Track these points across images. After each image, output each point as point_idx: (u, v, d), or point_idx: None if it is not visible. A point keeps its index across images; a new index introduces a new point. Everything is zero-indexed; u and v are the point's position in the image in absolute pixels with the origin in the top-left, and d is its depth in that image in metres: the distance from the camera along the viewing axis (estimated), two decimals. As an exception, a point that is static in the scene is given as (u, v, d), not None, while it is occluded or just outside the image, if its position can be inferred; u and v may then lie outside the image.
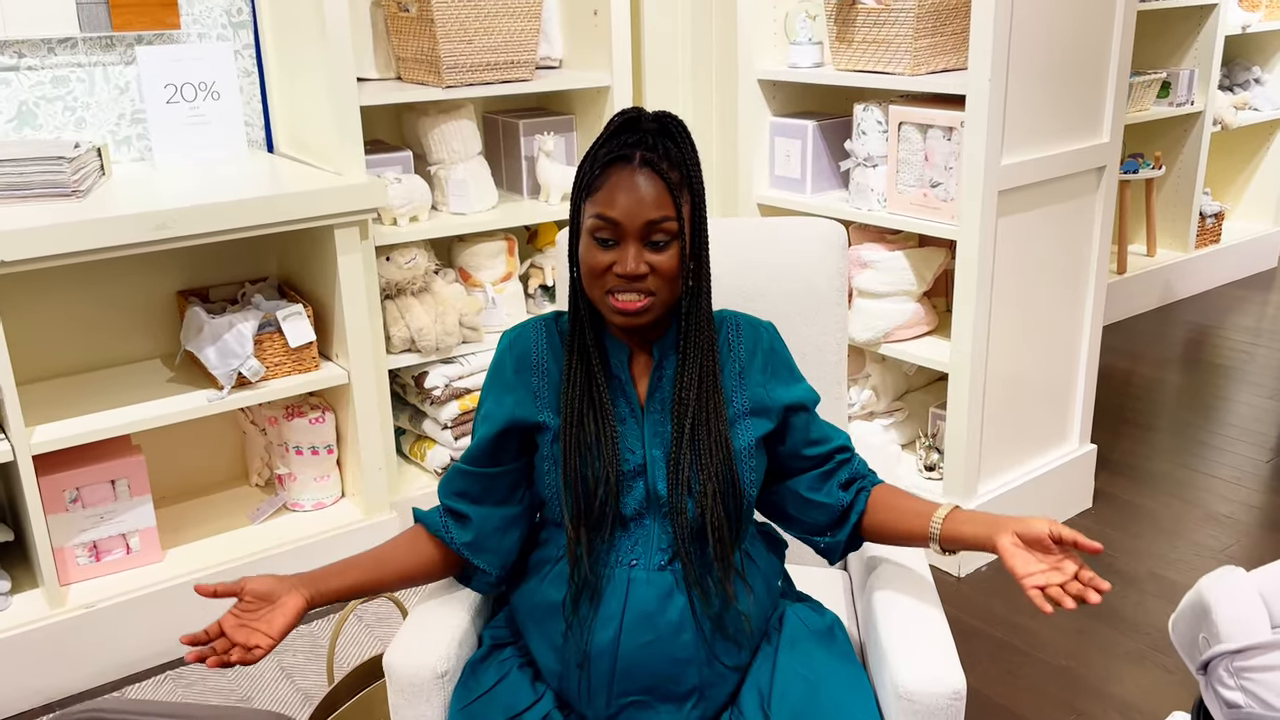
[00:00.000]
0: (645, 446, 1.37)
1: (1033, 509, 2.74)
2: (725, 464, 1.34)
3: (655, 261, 1.29)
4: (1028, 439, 2.71)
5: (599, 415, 1.35)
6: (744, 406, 1.40)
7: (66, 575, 2.28)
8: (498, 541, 1.43)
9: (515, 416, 1.40)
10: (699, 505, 1.32)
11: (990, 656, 2.30)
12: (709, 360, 1.36)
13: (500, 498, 1.44)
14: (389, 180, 2.52)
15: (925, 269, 2.64)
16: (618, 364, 1.39)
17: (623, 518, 1.36)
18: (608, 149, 1.30)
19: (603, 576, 1.36)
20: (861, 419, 2.83)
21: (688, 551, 1.33)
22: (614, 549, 1.36)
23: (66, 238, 2.02)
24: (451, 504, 1.42)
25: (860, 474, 1.47)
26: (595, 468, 1.34)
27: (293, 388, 2.40)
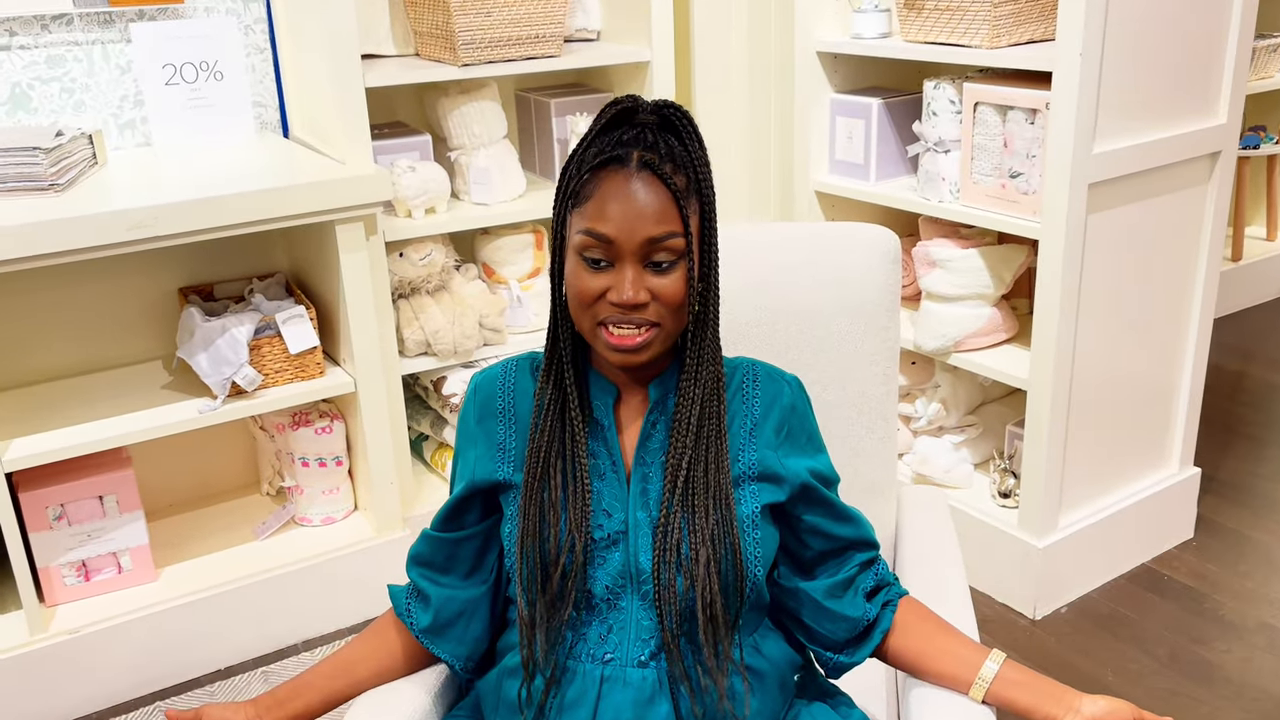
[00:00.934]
0: (628, 509, 1.13)
1: (1127, 541, 2.41)
2: (724, 527, 1.10)
3: (657, 287, 1.06)
4: (1119, 462, 2.38)
5: (570, 467, 1.12)
6: (751, 469, 1.15)
7: (54, 596, 2.13)
8: (462, 629, 1.22)
9: (476, 475, 1.18)
10: (689, 578, 1.08)
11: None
12: (712, 403, 1.12)
13: (465, 570, 1.22)
14: (402, 169, 2.30)
15: (1004, 269, 2.32)
16: (600, 407, 1.16)
17: (591, 598, 1.12)
18: (597, 148, 1.07)
19: (568, 673, 1.12)
20: (929, 435, 2.53)
21: (675, 640, 1.08)
22: (583, 639, 1.12)
23: (30, 240, 1.84)
24: (415, 577, 1.24)
25: (886, 580, 1.22)
26: (559, 533, 1.10)
27: (294, 396, 2.20)
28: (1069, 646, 2.20)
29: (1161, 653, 2.18)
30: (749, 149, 2.93)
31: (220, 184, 2.04)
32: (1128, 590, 2.38)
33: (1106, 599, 2.35)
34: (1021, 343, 2.37)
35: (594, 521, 1.12)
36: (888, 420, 1.55)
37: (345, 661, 1.25)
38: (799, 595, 1.19)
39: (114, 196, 1.99)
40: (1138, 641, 2.21)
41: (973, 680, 1.15)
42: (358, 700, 1.25)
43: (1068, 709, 1.11)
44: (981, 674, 1.14)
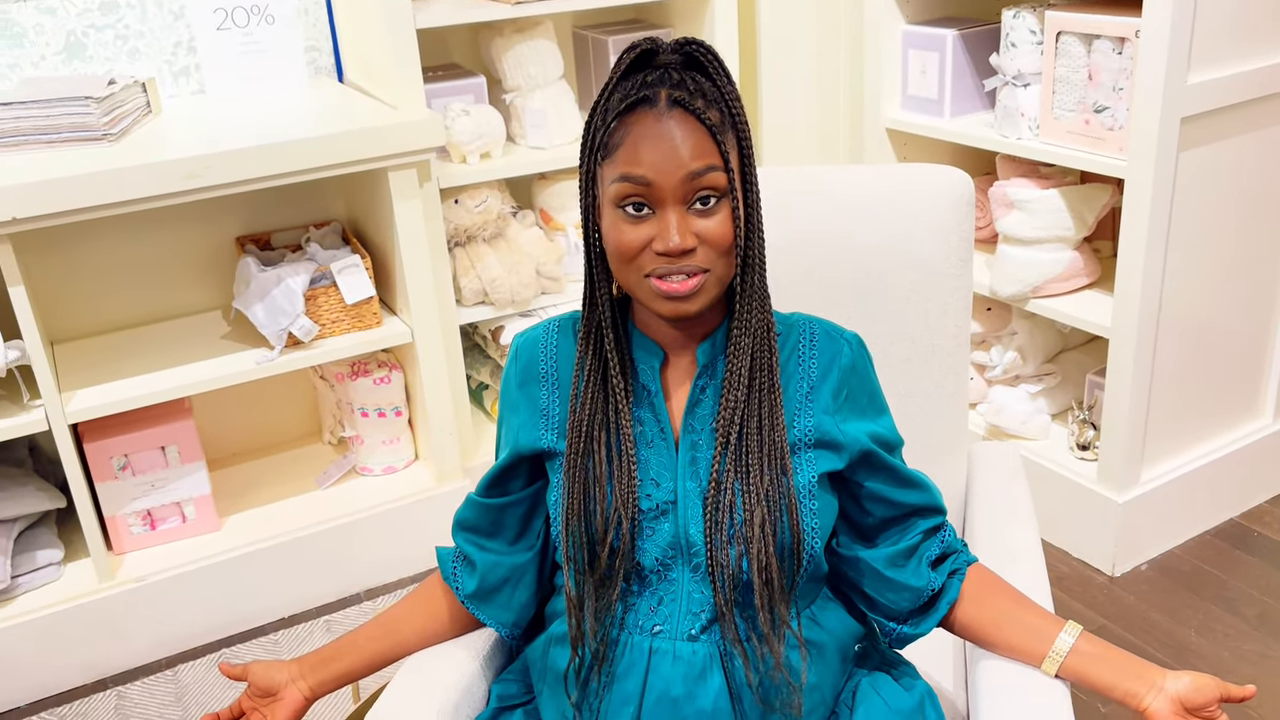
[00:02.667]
0: (677, 478, 1.07)
1: (1212, 496, 2.30)
2: (781, 493, 1.04)
3: (704, 230, 1.00)
4: (1206, 413, 2.26)
5: (614, 437, 1.07)
6: (807, 435, 1.09)
7: (121, 545, 2.16)
8: (508, 595, 1.19)
9: (520, 443, 1.14)
10: (742, 547, 1.03)
11: (1146, 683, 1.92)
12: (764, 354, 1.06)
13: (511, 536, 1.19)
14: (456, 112, 2.24)
15: (1086, 210, 2.19)
16: (646, 371, 1.10)
17: (640, 570, 1.07)
18: (621, 94, 1.00)
19: (616, 645, 1.07)
20: (1005, 384, 2.43)
21: (729, 613, 1.03)
22: (632, 610, 1.08)
23: (85, 191, 1.82)
24: (461, 542, 1.21)
25: (953, 548, 1.15)
26: (606, 508, 1.05)
27: (351, 347, 2.18)
28: (1150, 605, 2.11)
29: (1250, 613, 2.08)
30: (817, 86, 2.81)
31: (274, 131, 2.00)
32: (1214, 547, 2.27)
33: (1190, 556, 2.25)
34: (1104, 288, 2.24)
35: (641, 492, 1.07)
36: (959, 375, 1.47)
37: (390, 623, 1.23)
38: (859, 565, 1.13)
39: (168, 145, 1.97)
40: (1224, 601, 2.11)
41: (1046, 653, 1.08)
42: (404, 663, 1.23)
43: (1149, 686, 1.04)
44: (1055, 647, 1.08)
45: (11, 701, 2.04)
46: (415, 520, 2.32)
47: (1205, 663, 1.96)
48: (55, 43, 2.20)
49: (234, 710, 1.19)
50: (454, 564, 1.22)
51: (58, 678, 2.07)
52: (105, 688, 2.07)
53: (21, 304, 1.85)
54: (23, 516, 2.09)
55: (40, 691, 2.06)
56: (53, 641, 2.04)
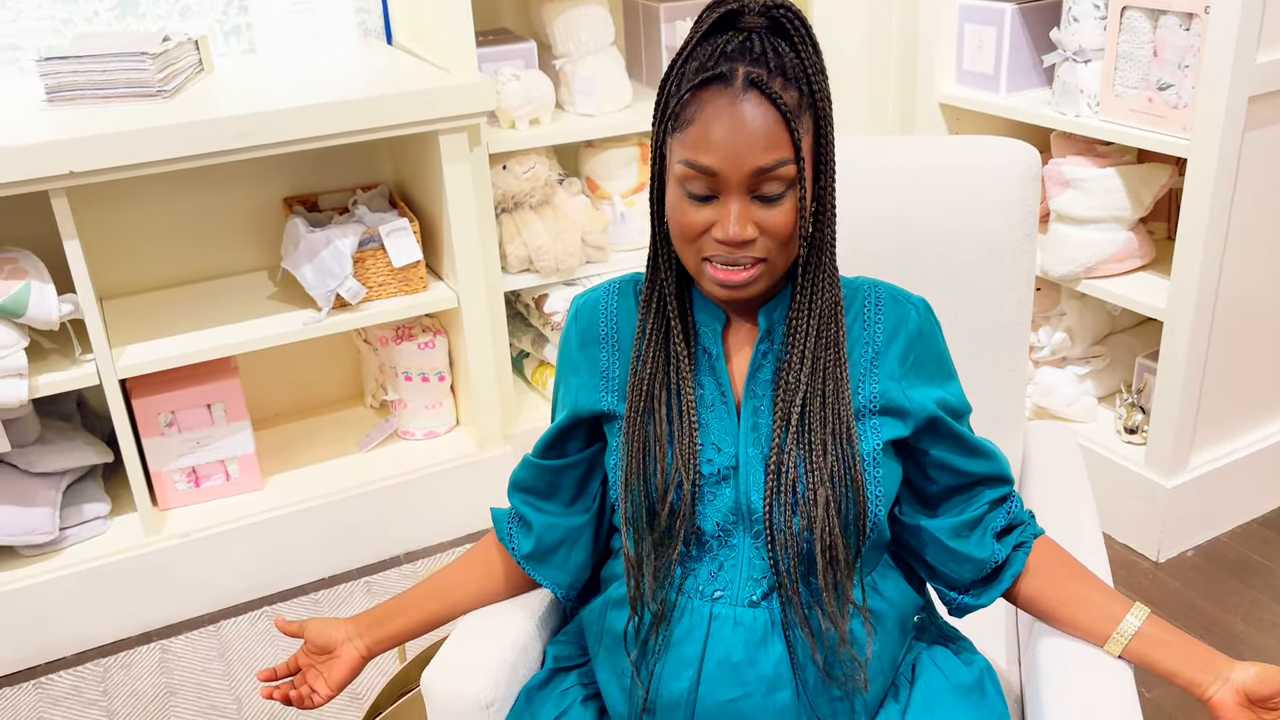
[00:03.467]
0: (739, 443, 1.06)
1: (1260, 484, 2.27)
2: (846, 465, 1.02)
3: (765, 220, 0.98)
4: (1258, 400, 2.23)
5: (675, 399, 1.06)
6: (872, 402, 1.07)
7: (166, 501, 2.18)
8: (564, 556, 1.19)
9: (579, 404, 1.13)
10: (805, 519, 1.01)
11: (1190, 669, 1.90)
12: (830, 329, 1.04)
13: (568, 498, 1.18)
14: (507, 77, 2.22)
15: (1143, 190, 2.16)
16: (708, 334, 1.09)
17: (702, 535, 1.06)
18: (699, 61, 0.96)
19: (675, 608, 1.06)
20: (1052, 365, 2.40)
21: (791, 582, 1.02)
22: (692, 574, 1.07)
23: (141, 146, 1.83)
24: (518, 503, 1.20)
25: (1019, 520, 1.14)
26: (666, 468, 1.04)
27: (397, 310, 2.18)
28: (1195, 591, 2.09)
29: (1297, 603, 2.05)
30: (868, 57, 2.77)
31: (325, 92, 2.00)
32: (1261, 535, 2.24)
33: (1237, 543, 2.22)
34: (1158, 270, 2.21)
35: (703, 456, 1.06)
36: (1019, 351, 1.45)
37: (446, 583, 1.23)
38: (922, 534, 1.12)
39: (221, 103, 1.97)
40: (1271, 589, 2.09)
41: (1110, 634, 1.07)
42: (461, 621, 1.23)
43: (1215, 675, 1.02)
44: (1121, 628, 1.06)
45: (57, 652, 2.06)
46: (456, 485, 2.32)
47: (1254, 652, 1.93)
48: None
49: (290, 666, 1.20)
50: (510, 525, 1.21)
51: (103, 630, 2.10)
52: (149, 640, 2.10)
53: (76, 258, 1.86)
54: (71, 470, 2.11)
55: (85, 643, 2.09)
56: (98, 594, 2.06)
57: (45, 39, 2.16)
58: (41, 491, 2.04)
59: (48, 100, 1.96)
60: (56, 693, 1.98)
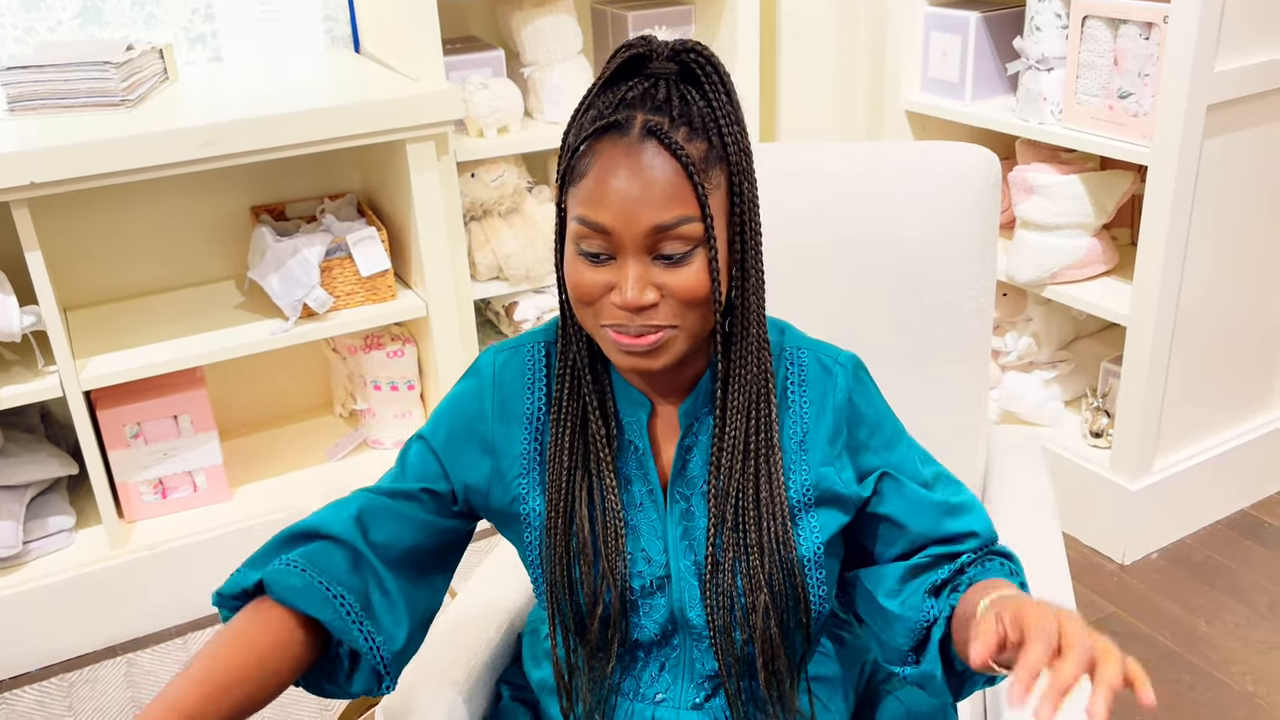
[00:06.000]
0: (669, 552, 0.97)
1: (1225, 486, 2.30)
2: (786, 570, 0.93)
3: (669, 283, 0.86)
4: (1221, 403, 2.26)
5: (598, 499, 0.95)
6: (806, 494, 0.96)
7: (132, 513, 2.16)
8: (418, 644, 1.01)
9: (489, 494, 1.00)
10: (746, 631, 0.93)
11: (1154, 671, 1.92)
12: (762, 413, 0.93)
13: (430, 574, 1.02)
14: (475, 85, 2.22)
15: (1106, 197, 2.18)
16: (632, 425, 0.97)
17: (639, 642, 0.99)
18: (597, 110, 0.86)
19: (616, 710, 1.01)
20: (1019, 370, 2.42)
21: (736, 688, 0.95)
22: (631, 676, 1.01)
23: (104, 157, 1.81)
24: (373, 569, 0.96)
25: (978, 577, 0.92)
26: (593, 578, 0.95)
27: (365, 320, 2.18)
28: (1160, 593, 2.11)
29: (1260, 603, 2.08)
30: (836, 66, 2.79)
31: (291, 100, 1.99)
32: (1225, 537, 2.27)
33: (1201, 545, 2.25)
34: (1121, 275, 2.23)
35: (633, 569, 0.96)
36: (980, 358, 1.46)
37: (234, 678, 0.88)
38: (858, 589, 1.00)
39: (186, 112, 1.96)
40: (1235, 591, 2.11)
41: None
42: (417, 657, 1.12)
43: None
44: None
45: (22, 666, 2.04)
46: (426, 494, 2.31)
47: (1216, 652, 1.96)
48: (72, 7, 2.18)
49: None
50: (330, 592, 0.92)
51: (68, 643, 2.08)
52: (115, 654, 2.08)
53: (38, 269, 1.84)
54: (35, 483, 2.09)
55: (51, 657, 2.06)
56: (63, 607, 2.04)
57: (7, 48, 2.14)
58: (5, 504, 2.02)
59: (9, 110, 1.94)
60: (21, 708, 1.96)
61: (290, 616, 0.91)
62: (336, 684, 0.97)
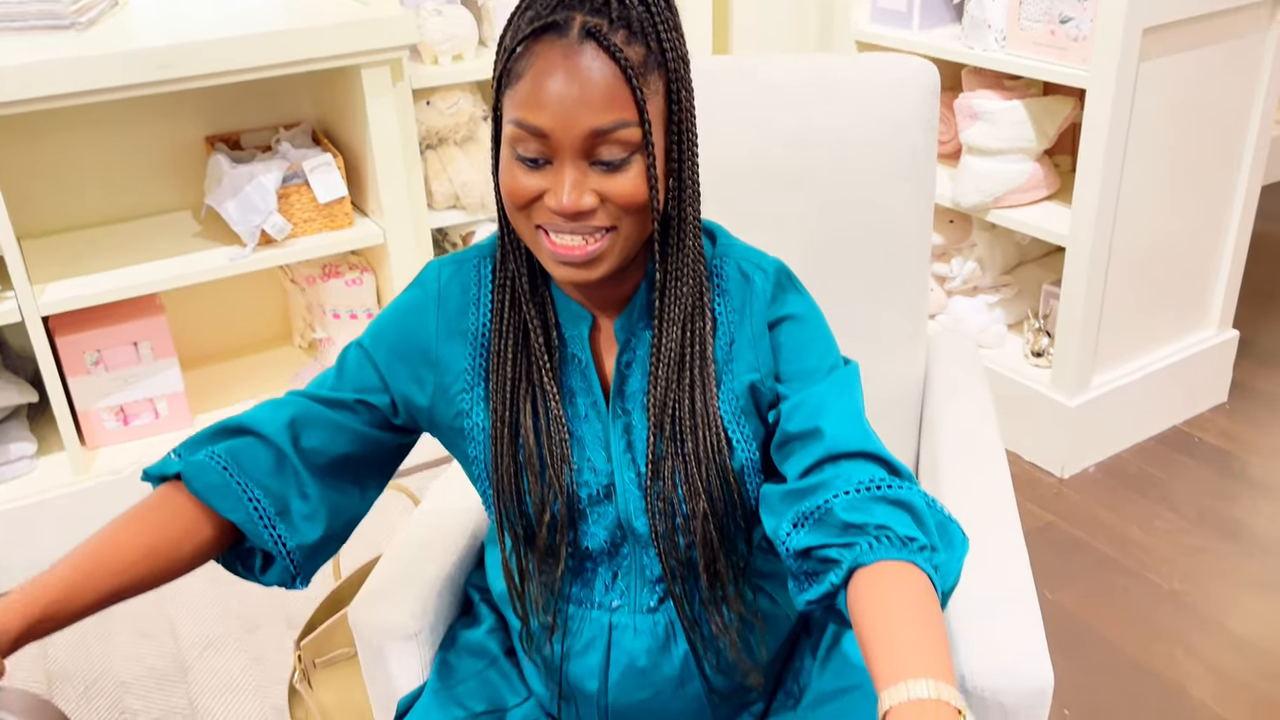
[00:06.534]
0: (614, 462, 0.98)
1: (1159, 402, 2.39)
2: (722, 480, 0.95)
3: (607, 189, 0.86)
4: (1156, 322, 2.35)
5: (541, 414, 0.96)
6: (736, 400, 0.97)
7: (94, 439, 2.18)
8: (336, 545, 1.04)
9: (433, 410, 1.01)
10: (688, 536, 0.96)
11: (1090, 574, 2.03)
12: (697, 326, 0.94)
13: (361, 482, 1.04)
14: (429, 12, 2.23)
15: (1048, 122, 2.25)
16: (574, 339, 0.98)
17: (590, 550, 1.02)
18: (535, 10, 0.84)
19: (575, 620, 1.04)
20: (964, 295, 2.49)
21: (683, 592, 0.98)
22: (587, 586, 1.03)
23: (55, 78, 1.81)
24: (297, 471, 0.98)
25: (841, 522, 0.87)
26: (541, 488, 0.96)
27: (323, 246, 2.19)
28: (1096, 504, 2.21)
29: (1189, 511, 2.18)
30: (787, -2, 2.82)
31: (244, 24, 1.99)
32: (1158, 451, 2.37)
33: (1136, 459, 2.35)
34: (1063, 200, 2.30)
35: (580, 478, 0.98)
36: (921, 268, 1.52)
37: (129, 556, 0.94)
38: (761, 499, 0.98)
39: (137, 36, 1.95)
40: (1166, 500, 2.22)
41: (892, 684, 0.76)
42: (378, 569, 1.21)
43: None
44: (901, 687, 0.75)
45: (-13, 590, 2.06)
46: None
47: (1147, 555, 2.06)
48: (17, -68, 2.16)
49: None
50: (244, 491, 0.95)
51: (30, 569, 2.08)
52: (81, 578, 2.10)
53: (-8, 192, 1.84)
54: (-6, 410, 2.10)
55: (13, 581, 2.07)
56: (26, 532, 2.06)
57: (-48, -28, 2.11)
58: (-35, 431, 2.03)
59: (-43, 33, 1.93)
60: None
61: (203, 509, 0.95)
62: (251, 573, 1.01)
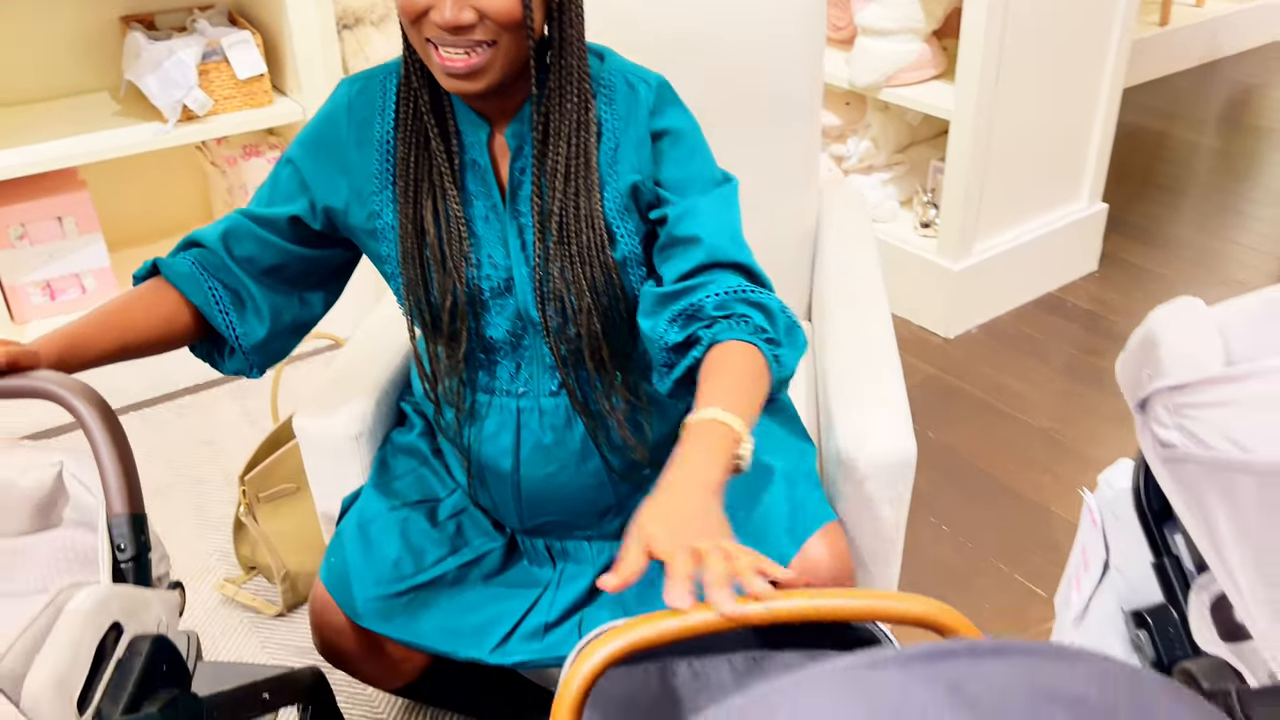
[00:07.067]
0: (512, 258, 1.09)
1: (1035, 269, 2.60)
2: (605, 276, 1.06)
3: (484, 5, 0.94)
4: (1033, 195, 2.54)
5: (441, 211, 1.06)
6: (619, 200, 1.07)
7: (22, 314, 2.23)
8: (282, 343, 1.19)
9: (346, 212, 1.12)
10: (576, 326, 1.07)
11: (970, 418, 2.23)
12: (581, 139, 1.04)
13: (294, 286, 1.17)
14: (342, -108, 2.28)
15: (935, 4, 2.40)
16: (474, 145, 1.08)
17: (495, 341, 1.13)
18: None
19: (486, 408, 1.16)
20: (859, 172, 2.66)
21: (575, 378, 1.12)
22: (495, 377, 1.16)
23: (-28, -56, 1.83)
24: (236, 276, 1.13)
25: (709, 316, 1.02)
26: (444, 281, 1.08)
27: (244, 123, 2.25)
28: (977, 360, 2.41)
29: (1059, 363, 2.40)
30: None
31: (158, -102, 2.02)
32: (1033, 314, 2.58)
33: (1013, 321, 2.56)
34: (949, 79, 2.46)
35: (481, 272, 1.09)
36: (811, 115, 1.66)
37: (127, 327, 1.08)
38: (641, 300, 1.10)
39: (50, -92, 1.97)
40: (1039, 355, 2.43)
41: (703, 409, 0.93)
42: (319, 382, 1.35)
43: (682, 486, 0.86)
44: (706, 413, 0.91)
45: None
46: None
47: (1021, 400, 2.27)
48: None
49: None
50: (212, 290, 1.12)
51: (-33, 439, 2.16)
52: (16, 447, 2.17)
53: (-88, 60, 1.86)
54: (-80, 285, 2.13)
55: (-49, 451, 2.14)
56: (-39, 403, 2.12)
57: None
58: (-108, 303, 2.06)
59: None
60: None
61: (178, 297, 1.11)
62: (220, 360, 1.17)
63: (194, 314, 1.13)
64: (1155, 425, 0.84)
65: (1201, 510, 0.80)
